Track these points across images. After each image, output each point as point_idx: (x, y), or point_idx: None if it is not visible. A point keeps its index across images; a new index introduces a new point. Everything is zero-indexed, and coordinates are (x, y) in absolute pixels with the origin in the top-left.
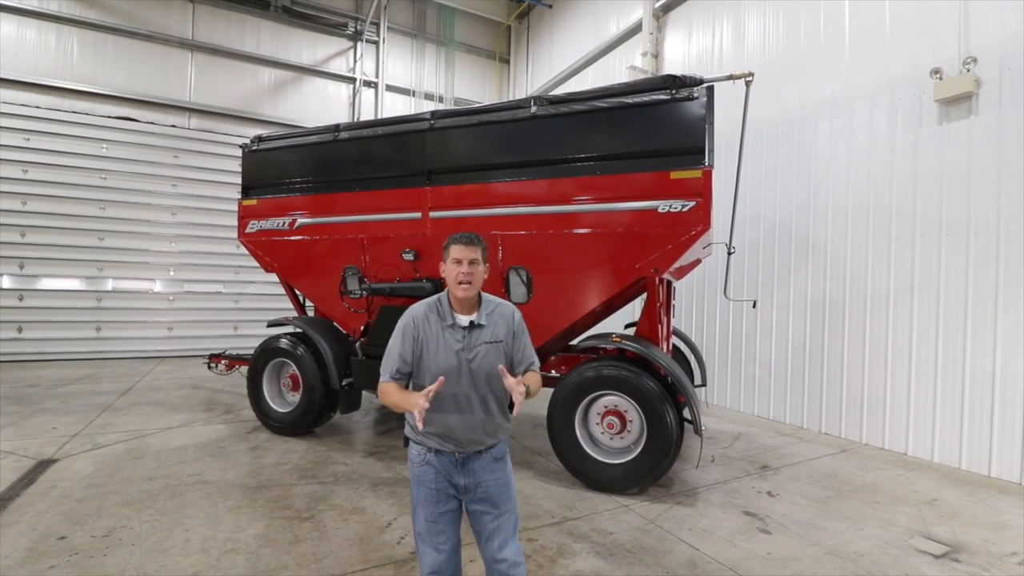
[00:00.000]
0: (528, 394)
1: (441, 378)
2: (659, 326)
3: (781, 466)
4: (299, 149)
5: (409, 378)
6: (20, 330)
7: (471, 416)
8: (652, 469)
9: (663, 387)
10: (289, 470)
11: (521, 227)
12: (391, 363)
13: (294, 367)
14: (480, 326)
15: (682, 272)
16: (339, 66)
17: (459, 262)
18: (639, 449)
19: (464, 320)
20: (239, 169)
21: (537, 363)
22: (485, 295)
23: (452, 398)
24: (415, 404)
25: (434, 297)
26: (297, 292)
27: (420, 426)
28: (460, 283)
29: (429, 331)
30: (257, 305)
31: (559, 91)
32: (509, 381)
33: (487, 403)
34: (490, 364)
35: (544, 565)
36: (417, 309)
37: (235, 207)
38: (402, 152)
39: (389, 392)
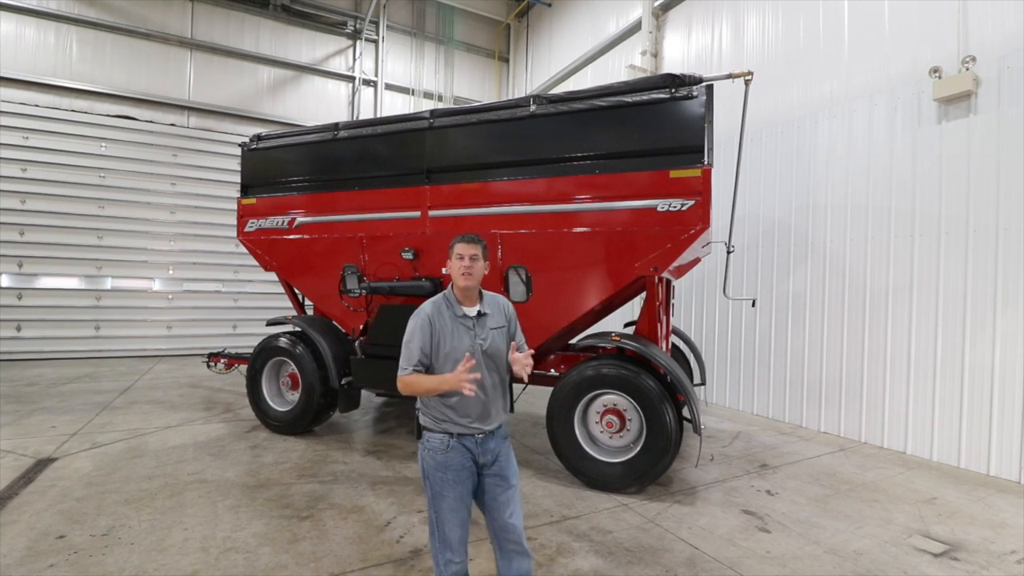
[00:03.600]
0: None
1: (469, 356)
2: (658, 325)
3: (780, 465)
4: (298, 148)
5: (427, 371)
6: (19, 329)
7: (488, 395)
8: (651, 468)
9: (662, 386)
10: (288, 469)
11: (520, 226)
12: (412, 356)
13: (293, 366)
14: (485, 315)
15: (681, 271)
16: (338, 65)
17: (461, 257)
18: (638, 448)
19: (472, 311)
20: (238, 168)
21: (525, 346)
22: (483, 291)
23: (473, 381)
24: (457, 378)
25: (439, 296)
26: (296, 291)
27: (470, 392)
28: (462, 274)
29: (443, 324)
30: (256, 304)
31: (558, 90)
32: (515, 356)
33: (497, 384)
34: (497, 347)
35: (543, 564)
36: (427, 307)
37: (234, 206)
38: (401, 151)
39: (418, 381)
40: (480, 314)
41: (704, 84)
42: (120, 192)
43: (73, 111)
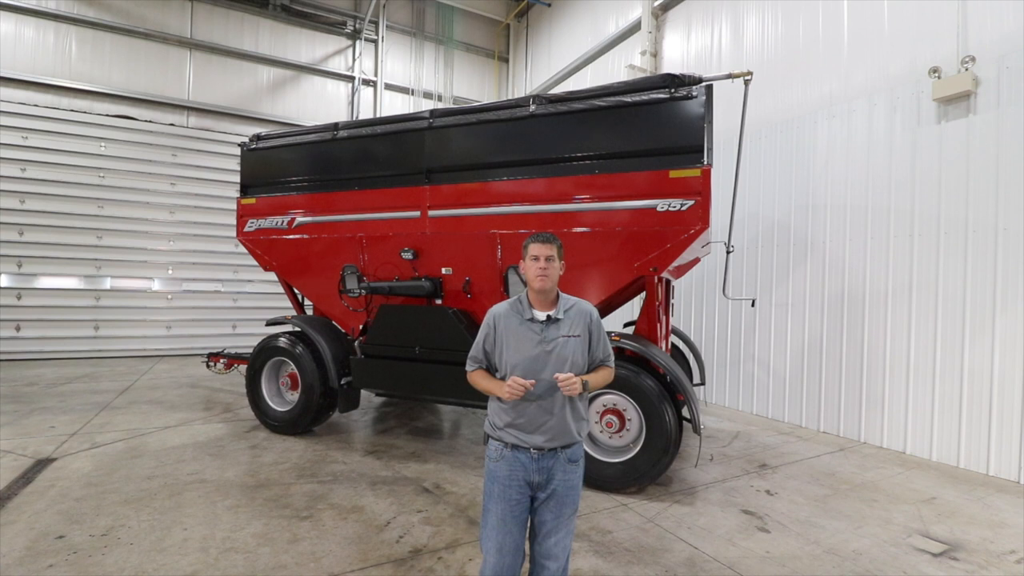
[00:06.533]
0: (586, 388)
1: (532, 381)
2: (658, 325)
3: (780, 464)
4: (298, 148)
5: (494, 370)
6: (18, 329)
7: (551, 407)
8: (651, 468)
9: (662, 386)
10: (288, 469)
11: (520, 226)
12: (475, 355)
13: (293, 366)
14: (556, 320)
15: (681, 271)
16: (338, 65)
17: (537, 258)
18: (638, 448)
19: (541, 315)
20: (238, 168)
21: (611, 358)
22: (563, 294)
23: (536, 389)
24: (504, 384)
25: (515, 297)
26: (296, 291)
27: (508, 396)
28: (538, 276)
29: (509, 326)
30: (256, 304)
31: (558, 90)
32: (557, 376)
33: (563, 398)
34: (566, 357)
35: None
36: (499, 307)
37: (234, 206)
38: (401, 151)
39: (476, 380)
40: (551, 319)
41: (704, 84)
42: (119, 192)
43: (72, 111)
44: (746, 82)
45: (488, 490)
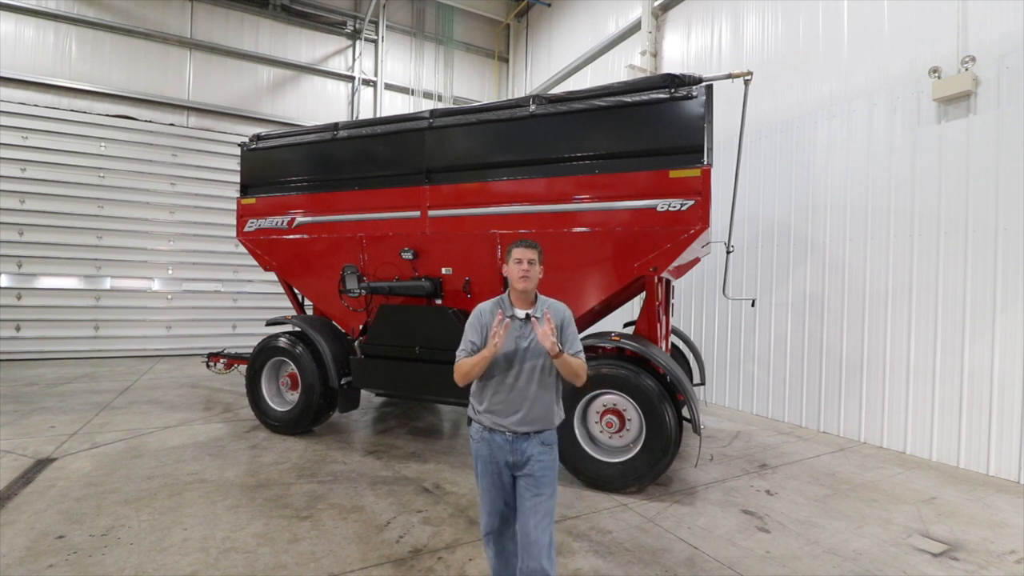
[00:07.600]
0: (561, 352)
1: (502, 314)
2: (658, 325)
3: (780, 464)
4: (298, 148)
5: None
6: (18, 329)
7: (526, 395)
8: (651, 468)
9: (662, 386)
10: (288, 469)
11: (520, 226)
12: (463, 346)
13: (293, 366)
14: (535, 318)
15: (681, 271)
16: (338, 65)
17: (520, 261)
18: (638, 448)
19: (521, 312)
20: (238, 168)
21: (582, 355)
22: (541, 296)
23: (512, 378)
24: (486, 348)
25: (498, 297)
26: (296, 291)
27: (502, 333)
28: (521, 277)
29: (493, 321)
30: (256, 304)
31: (558, 90)
32: (542, 330)
33: (540, 387)
34: (542, 349)
35: None
36: (485, 304)
37: (234, 206)
38: (401, 151)
39: (463, 363)
40: (530, 316)
41: (704, 84)
42: (119, 192)
43: (72, 111)
44: (746, 82)
45: (474, 465)
